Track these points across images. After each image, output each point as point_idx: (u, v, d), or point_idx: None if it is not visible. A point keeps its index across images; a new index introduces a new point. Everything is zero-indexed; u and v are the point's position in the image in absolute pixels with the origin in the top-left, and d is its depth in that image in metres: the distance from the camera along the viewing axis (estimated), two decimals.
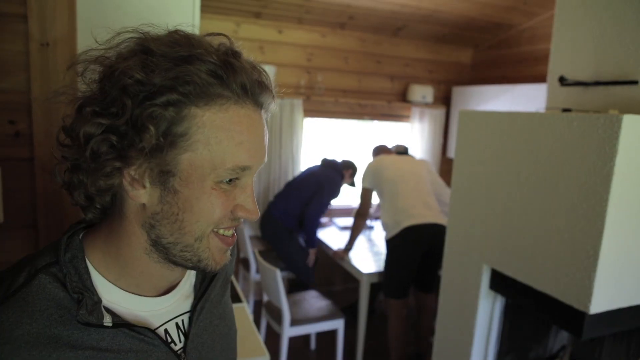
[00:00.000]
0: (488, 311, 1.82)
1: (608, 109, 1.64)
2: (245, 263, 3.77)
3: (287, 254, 3.40)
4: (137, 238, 0.57)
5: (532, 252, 1.54)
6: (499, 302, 1.81)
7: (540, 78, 3.66)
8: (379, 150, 3.47)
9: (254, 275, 3.54)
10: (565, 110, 1.75)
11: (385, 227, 2.99)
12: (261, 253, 3.34)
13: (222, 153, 0.52)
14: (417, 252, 2.85)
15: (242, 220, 0.58)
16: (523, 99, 3.62)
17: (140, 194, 0.54)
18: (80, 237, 0.60)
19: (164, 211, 0.54)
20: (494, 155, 1.70)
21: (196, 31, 0.61)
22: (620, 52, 1.65)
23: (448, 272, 1.97)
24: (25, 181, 1.15)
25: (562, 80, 1.82)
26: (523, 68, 3.97)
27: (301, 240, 3.49)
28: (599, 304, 1.35)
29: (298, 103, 3.82)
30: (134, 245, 0.57)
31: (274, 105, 0.59)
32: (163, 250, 0.57)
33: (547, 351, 1.98)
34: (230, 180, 0.55)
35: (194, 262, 0.57)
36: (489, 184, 1.72)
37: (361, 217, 3.19)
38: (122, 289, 0.59)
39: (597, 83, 1.71)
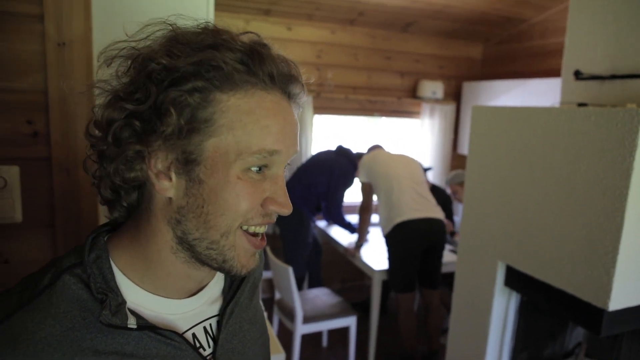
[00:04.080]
0: (503, 308, 1.80)
1: (625, 103, 1.62)
2: None
3: (290, 238, 3.42)
4: (164, 236, 0.56)
5: (549, 249, 1.52)
6: (514, 299, 1.79)
7: (552, 72, 3.61)
8: (374, 148, 3.48)
9: None
10: (581, 104, 1.72)
11: (381, 222, 3.02)
12: (272, 251, 3.34)
13: (247, 137, 0.51)
14: (414, 247, 2.85)
15: (274, 216, 0.56)
16: (534, 94, 3.58)
17: (167, 186, 0.53)
18: (105, 238, 0.59)
19: (190, 204, 0.53)
20: (509, 150, 1.68)
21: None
22: (638, 44, 1.62)
23: (462, 268, 1.95)
24: (43, 181, 1.16)
25: (578, 74, 1.80)
26: (534, 62, 3.92)
27: (312, 234, 3.50)
28: (618, 301, 1.34)
29: (308, 100, 3.82)
30: (160, 244, 0.56)
31: (304, 98, 0.60)
32: (189, 248, 0.55)
33: (563, 348, 1.96)
34: (260, 169, 0.54)
35: (219, 262, 0.55)
36: (504, 180, 1.71)
37: (365, 211, 3.21)
38: (147, 290, 0.57)
39: (614, 77, 1.68)
